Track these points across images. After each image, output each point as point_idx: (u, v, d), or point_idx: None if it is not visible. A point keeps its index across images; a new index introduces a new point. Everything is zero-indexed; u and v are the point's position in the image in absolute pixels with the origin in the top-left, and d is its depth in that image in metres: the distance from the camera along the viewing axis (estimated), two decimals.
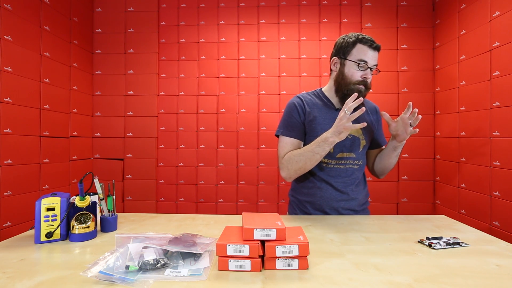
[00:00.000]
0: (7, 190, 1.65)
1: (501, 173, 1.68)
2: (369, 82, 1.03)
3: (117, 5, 2.51)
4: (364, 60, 1.00)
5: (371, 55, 1.01)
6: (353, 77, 1.02)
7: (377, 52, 1.02)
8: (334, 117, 1.03)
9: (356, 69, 1.01)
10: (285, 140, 1.06)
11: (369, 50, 1.01)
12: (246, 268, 0.61)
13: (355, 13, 2.47)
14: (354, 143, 1.07)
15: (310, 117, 1.06)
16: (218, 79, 2.51)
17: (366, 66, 1.01)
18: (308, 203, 1.09)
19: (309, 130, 1.06)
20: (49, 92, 1.97)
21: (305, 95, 1.11)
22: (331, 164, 1.06)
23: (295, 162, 1.00)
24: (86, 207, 0.81)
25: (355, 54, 1.02)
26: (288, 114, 1.08)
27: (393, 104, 2.42)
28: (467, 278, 0.58)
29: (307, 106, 1.07)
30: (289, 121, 1.07)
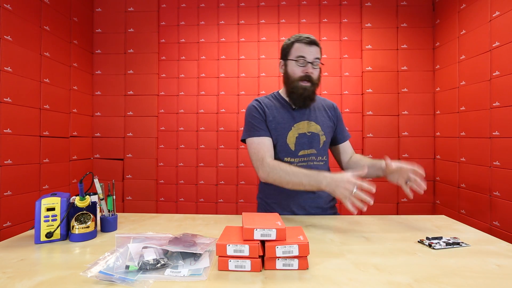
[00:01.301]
0: (7, 190, 1.65)
1: (501, 173, 1.68)
2: (315, 76, 1.06)
3: (117, 5, 2.51)
4: (302, 55, 1.04)
5: (308, 50, 1.04)
6: (295, 74, 1.05)
7: (315, 46, 1.05)
8: (292, 117, 1.09)
9: (297, 66, 1.05)
10: (256, 140, 1.05)
11: (305, 46, 1.04)
12: (246, 268, 0.61)
13: (355, 13, 2.47)
14: (314, 139, 1.09)
15: (269, 117, 1.08)
16: (218, 79, 2.51)
17: (305, 61, 1.04)
18: (275, 203, 1.10)
19: (270, 129, 1.08)
20: (49, 92, 1.97)
21: (263, 98, 1.15)
22: (294, 162, 1.07)
23: (278, 175, 0.97)
24: (86, 207, 0.81)
25: (293, 53, 1.06)
26: (251, 116, 1.10)
27: (393, 104, 2.42)
28: (467, 278, 0.58)
29: (266, 108, 1.10)
30: (253, 122, 1.08)
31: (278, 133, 1.07)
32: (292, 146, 1.07)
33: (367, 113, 2.42)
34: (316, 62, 1.05)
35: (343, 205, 0.87)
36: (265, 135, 1.06)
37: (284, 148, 1.07)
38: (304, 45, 1.04)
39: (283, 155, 1.08)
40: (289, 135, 1.07)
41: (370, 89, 2.43)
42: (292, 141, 1.07)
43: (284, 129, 1.07)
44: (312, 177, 0.92)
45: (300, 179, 0.93)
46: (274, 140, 1.08)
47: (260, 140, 1.05)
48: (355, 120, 2.45)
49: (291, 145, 1.07)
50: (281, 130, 1.07)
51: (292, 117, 1.09)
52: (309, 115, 1.11)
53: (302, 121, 1.09)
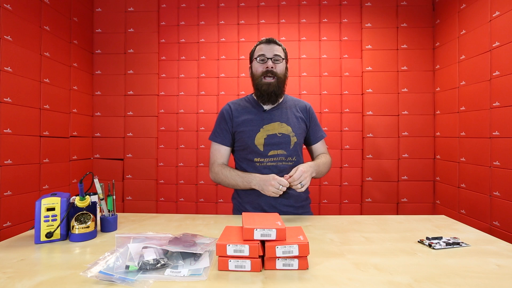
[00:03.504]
0: (7, 190, 1.65)
1: (501, 173, 1.68)
2: (278, 71, 1.11)
3: (117, 5, 2.51)
4: (261, 53, 1.11)
5: (266, 48, 1.11)
6: (257, 71, 1.12)
7: (273, 44, 1.12)
8: (262, 118, 1.14)
9: (258, 64, 1.12)
10: (214, 146, 1.18)
11: (264, 46, 1.12)
12: (246, 268, 0.61)
13: (355, 13, 2.47)
14: (284, 140, 1.12)
15: (239, 120, 1.14)
16: (218, 79, 2.51)
17: (266, 57, 1.10)
18: (248, 203, 1.12)
19: (239, 132, 1.13)
20: (49, 92, 1.97)
21: (236, 101, 1.21)
22: (263, 162, 1.10)
23: (220, 179, 1.12)
24: (86, 207, 0.81)
25: (255, 54, 1.14)
26: (218, 121, 1.19)
27: (393, 104, 2.42)
28: (467, 278, 0.58)
29: (235, 111, 1.16)
30: (217, 128, 1.18)
31: (246, 136, 1.11)
32: (260, 147, 1.10)
33: (367, 113, 2.42)
34: (276, 58, 1.10)
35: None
36: (223, 143, 1.16)
37: (253, 149, 1.11)
38: (263, 45, 1.12)
39: (253, 156, 1.11)
40: (257, 136, 1.11)
41: (370, 89, 2.43)
42: (260, 142, 1.10)
43: (252, 131, 1.11)
44: (244, 178, 1.06)
45: (236, 181, 1.09)
46: (244, 143, 1.12)
47: (216, 147, 1.17)
48: (355, 120, 2.45)
49: (260, 146, 1.10)
50: (249, 133, 1.11)
51: (261, 119, 1.13)
52: (281, 117, 1.14)
53: (272, 122, 1.13)
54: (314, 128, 1.22)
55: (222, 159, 1.16)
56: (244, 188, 1.08)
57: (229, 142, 1.16)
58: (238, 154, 1.18)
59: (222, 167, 1.13)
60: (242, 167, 1.15)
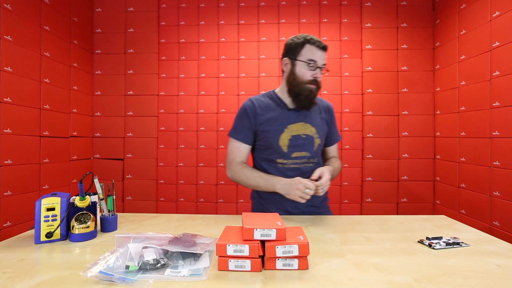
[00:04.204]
0: (7, 190, 1.65)
1: (501, 173, 1.68)
2: (319, 81, 1.06)
3: (117, 5, 2.51)
4: (313, 59, 1.03)
5: (320, 55, 1.04)
6: (304, 76, 1.04)
7: (324, 52, 1.05)
8: (287, 117, 1.08)
9: (306, 69, 1.04)
10: (233, 143, 1.11)
11: (317, 50, 1.03)
12: (246, 268, 0.61)
13: (355, 13, 2.47)
14: (308, 142, 1.09)
15: (262, 119, 1.08)
16: (218, 79, 2.51)
17: (316, 65, 1.03)
18: (270, 204, 1.10)
19: (262, 131, 1.08)
20: (49, 92, 1.97)
21: (258, 98, 1.13)
22: (286, 164, 1.08)
23: (240, 179, 1.08)
24: (86, 207, 0.81)
25: (304, 54, 1.04)
26: (239, 118, 1.12)
27: (393, 104, 2.42)
28: (467, 278, 0.58)
29: (259, 109, 1.09)
30: (239, 125, 1.11)
31: (270, 135, 1.07)
32: (284, 148, 1.06)
33: (367, 113, 2.42)
34: (323, 67, 1.05)
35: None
36: (243, 140, 1.10)
37: (277, 150, 1.07)
38: (317, 49, 1.03)
39: (275, 156, 1.08)
40: (282, 137, 1.07)
41: (370, 89, 2.43)
42: (284, 143, 1.07)
43: (277, 131, 1.07)
44: (268, 181, 1.03)
45: (257, 183, 1.05)
46: (267, 142, 1.08)
47: (236, 144, 1.11)
48: (355, 120, 2.45)
49: (284, 147, 1.06)
50: (274, 133, 1.07)
51: (286, 118, 1.08)
52: (305, 117, 1.10)
53: (297, 122, 1.09)
54: (332, 130, 1.19)
55: (242, 157, 1.11)
56: (266, 190, 1.04)
57: (250, 140, 1.10)
58: (259, 153, 1.13)
59: (242, 166, 1.09)
60: (262, 167, 1.11)
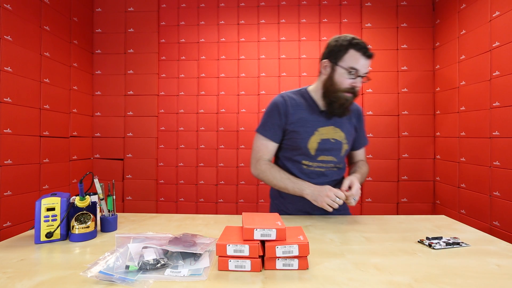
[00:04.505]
0: (7, 190, 1.65)
1: (501, 173, 1.68)
2: (358, 89, 1.01)
3: (117, 5, 2.51)
4: (356, 68, 0.97)
5: (363, 63, 0.97)
6: (342, 84, 0.99)
7: (369, 60, 0.99)
8: (318, 119, 1.05)
9: (346, 77, 0.98)
10: (261, 140, 1.08)
11: (361, 58, 0.97)
12: (246, 268, 0.61)
13: (355, 13, 2.47)
14: (337, 147, 1.06)
15: (293, 118, 1.04)
16: (218, 79, 2.51)
17: (357, 74, 0.97)
18: (290, 204, 1.10)
19: (292, 131, 1.05)
20: (49, 92, 1.97)
21: (290, 95, 1.09)
22: (311, 166, 1.06)
23: (267, 178, 1.06)
24: (86, 207, 0.81)
25: (347, 60, 0.98)
26: (268, 114, 1.08)
27: (393, 104, 2.42)
28: (467, 278, 0.58)
29: (290, 108, 1.05)
30: (268, 121, 1.07)
31: (300, 137, 1.04)
32: (312, 151, 1.04)
33: (367, 113, 2.42)
34: (365, 75, 0.99)
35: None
36: (272, 138, 1.07)
37: (304, 152, 1.05)
38: (361, 56, 0.96)
39: (301, 158, 1.06)
40: (311, 140, 1.04)
41: (370, 89, 2.43)
42: (313, 146, 1.04)
43: (307, 133, 1.04)
44: (296, 185, 1.01)
45: (285, 185, 1.03)
46: (295, 143, 1.05)
47: (264, 142, 1.08)
48: None
49: (312, 150, 1.04)
50: (304, 134, 1.03)
51: (317, 120, 1.05)
52: (336, 121, 1.07)
53: (327, 126, 1.05)
54: (360, 134, 1.16)
55: (269, 155, 1.08)
56: (293, 193, 1.02)
57: (278, 138, 1.07)
58: (284, 152, 1.10)
59: (269, 165, 1.07)
60: (286, 166, 1.09)
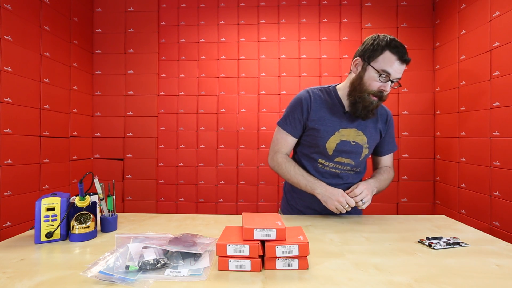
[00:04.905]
0: (7, 190, 1.65)
1: (501, 173, 1.68)
2: (386, 94, 0.96)
3: (117, 5, 2.51)
4: (388, 71, 0.92)
5: (397, 68, 0.91)
6: (371, 86, 0.95)
7: (404, 66, 0.93)
8: (341, 120, 1.03)
9: (376, 79, 0.93)
10: (281, 133, 1.09)
11: (396, 62, 0.91)
12: (246, 268, 0.61)
13: (355, 13, 2.47)
14: (356, 150, 1.04)
15: (316, 116, 1.03)
16: (218, 79, 2.51)
17: (388, 78, 0.93)
18: (301, 199, 1.10)
19: (312, 128, 1.03)
20: (49, 92, 1.97)
21: (316, 91, 1.07)
22: (327, 166, 1.05)
23: (281, 172, 1.07)
24: (86, 207, 0.81)
25: (380, 62, 0.92)
26: (291, 108, 1.07)
27: (393, 104, 2.42)
28: (467, 278, 0.58)
29: (315, 104, 1.03)
30: (290, 116, 1.07)
31: (320, 135, 1.02)
32: (330, 151, 1.02)
33: None
34: (396, 81, 0.94)
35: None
36: (292, 133, 1.07)
37: (322, 150, 1.03)
38: (397, 60, 0.91)
39: (318, 156, 1.05)
40: (330, 139, 1.02)
41: None
42: (331, 146, 1.02)
43: (327, 132, 1.01)
44: (309, 182, 1.01)
45: (298, 181, 1.03)
46: (314, 141, 1.03)
47: (284, 135, 1.08)
48: None
49: (330, 150, 1.02)
50: (324, 133, 1.02)
51: (340, 121, 1.02)
52: (359, 123, 1.03)
53: (349, 128, 1.02)
54: (388, 140, 1.12)
55: (287, 149, 1.09)
56: (305, 190, 1.02)
57: (298, 133, 1.07)
58: (301, 149, 1.09)
59: (287, 160, 1.07)
60: (301, 162, 1.08)
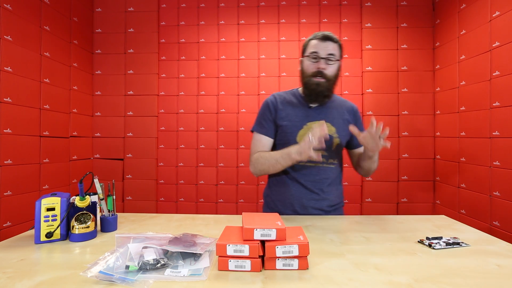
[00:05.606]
0: (7, 190, 1.65)
1: (501, 173, 1.68)
2: (329, 72, 1.04)
3: (117, 5, 2.51)
4: (315, 51, 1.03)
5: (322, 46, 1.03)
6: (308, 69, 1.06)
7: (329, 42, 1.03)
8: (307, 114, 1.09)
9: (310, 62, 1.05)
10: (256, 137, 1.11)
11: (319, 42, 1.04)
12: (246, 268, 0.61)
13: (355, 13, 2.47)
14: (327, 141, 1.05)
15: (283, 113, 1.09)
16: (218, 79, 2.51)
17: (318, 56, 1.03)
18: (279, 201, 1.11)
19: (281, 125, 1.09)
20: (49, 92, 1.97)
21: (281, 94, 1.16)
22: (302, 161, 1.05)
23: (260, 163, 1.06)
24: (86, 207, 0.81)
25: (308, 50, 1.06)
26: (261, 112, 1.13)
27: (393, 104, 2.42)
28: (467, 278, 0.58)
29: (280, 104, 1.11)
30: (261, 119, 1.12)
31: (288, 131, 1.07)
32: None
33: (367, 113, 2.42)
34: (331, 58, 1.03)
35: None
36: (266, 134, 1.10)
37: None
38: (318, 41, 1.04)
39: None
40: (300, 133, 1.07)
41: (370, 89, 2.43)
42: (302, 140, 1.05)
43: (296, 127, 1.07)
44: (284, 154, 0.99)
45: (276, 159, 1.01)
46: (285, 138, 1.08)
47: (259, 137, 1.11)
48: None
49: None
50: (292, 128, 1.07)
51: (306, 116, 1.09)
52: (326, 116, 1.09)
53: (317, 120, 1.08)
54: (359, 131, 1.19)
55: (264, 149, 1.10)
56: (285, 164, 1.01)
57: (272, 133, 1.10)
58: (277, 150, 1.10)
59: (259, 153, 1.07)
60: None
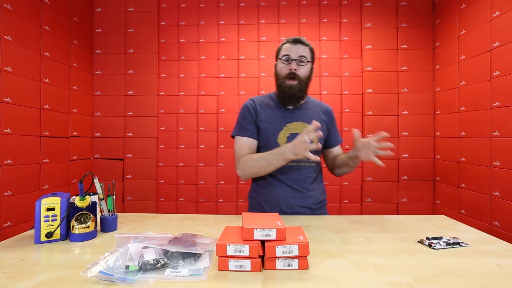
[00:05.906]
0: (7, 190, 1.65)
1: (501, 173, 1.68)
2: (301, 74, 1.07)
3: (117, 5, 2.51)
4: (286, 54, 1.08)
5: (293, 48, 1.08)
6: (281, 71, 1.09)
7: (300, 45, 1.08)
8: (285, 116, 1.11)
9: (282, 65, 1.09)
10: (240, 140, 1.11)
11: (290, 45, 1.08)
12: (246, 268, 0.61)
13: (355, 13, 2.47)
14: None
15: (263, 116, 1.11)
16: (218, 79, 2.51)
17: (290, 58, 1.07)
18: (265, 202, 1.11)
19: (262, 127, 1.10)
20: (49, 92, 1.97)
21: (258, 97, 1.18)
22: None
23: (250, 166, 1.05)
24: (86, 207, 0.81)
25: (281, 53, 1.11)
26: (242, 115, 1.14)
27: (393, 104, 2.42)
28: (467, 278, 0.58)
29: (258, 107, 1.13)
30: (243, 122, 1.13)
31: (269, 133, 1.09)
32: None
33: (367, 113, 2.42)
34: (302, 59, 1.07)
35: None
36: (250, 135, 1.11)
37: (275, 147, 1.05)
38: (290, 44, 1.09)
39: None
40: (280, 134, 1.09)
41: (370, 89, 2.43)
42: (283, 141, 1.08)
43: (275, 129, 1.09)
44: (276, 153, 0.99)
45: (268, 161, 1.01)
46: (266, 140, 1.09)
47: (243, 140, 1.11)
48: (355, 120, 2.45)
49: (282, 144, 1.06)
50: (272, 130, 1.09)
51: (284, 117, 1.11)
52: (303, 117, 1.12)
53: (295, 121, 1.11)
54: (334, 132, 1.21)
55: (249, 151, 1.09)
56: (278, 165, 1.00)
57: (255, 135, 1.11)
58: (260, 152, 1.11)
59: (248, 155, 1.07)
60: None
